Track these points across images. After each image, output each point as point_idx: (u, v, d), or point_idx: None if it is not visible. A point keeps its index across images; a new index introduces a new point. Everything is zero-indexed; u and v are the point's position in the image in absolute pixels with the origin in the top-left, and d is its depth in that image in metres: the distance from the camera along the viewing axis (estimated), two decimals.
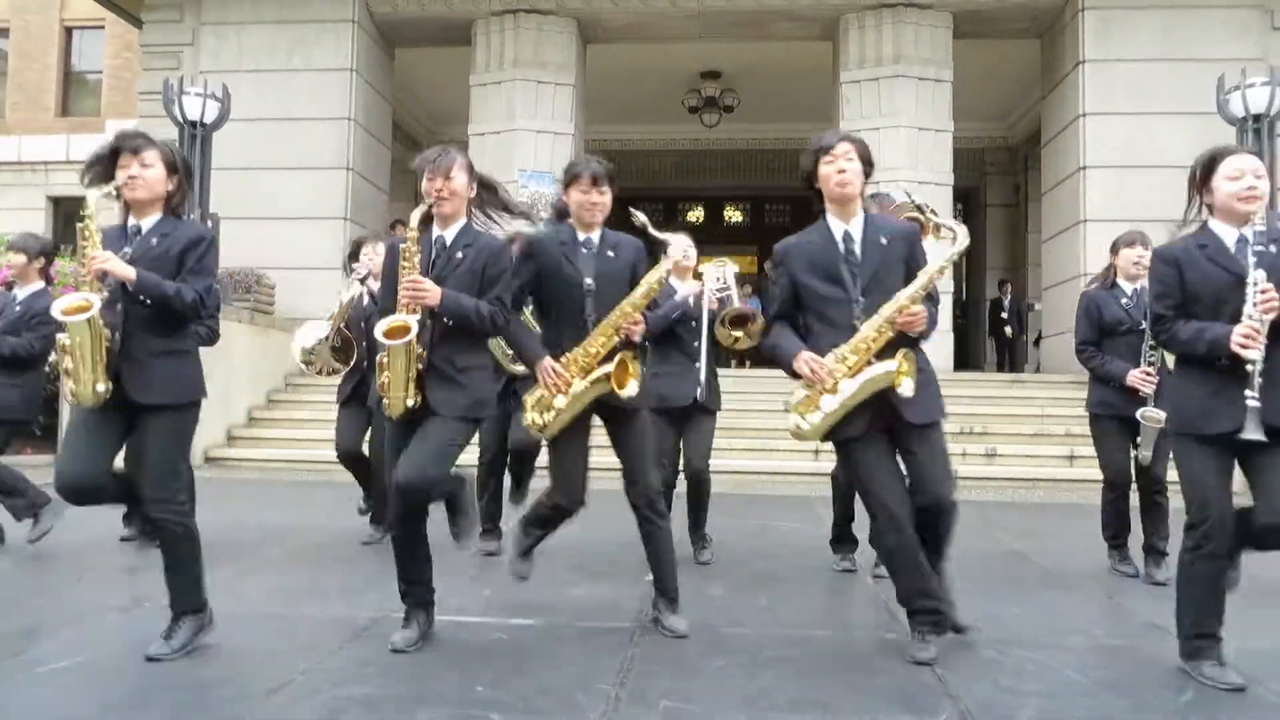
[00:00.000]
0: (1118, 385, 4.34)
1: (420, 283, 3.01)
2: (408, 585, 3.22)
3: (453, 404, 3.09)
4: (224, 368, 9.54)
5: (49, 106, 19.66)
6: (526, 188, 11.93)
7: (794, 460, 8.81)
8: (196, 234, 3.08)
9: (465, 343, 3.13)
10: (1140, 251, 4.39)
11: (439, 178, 3.09)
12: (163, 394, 3.00)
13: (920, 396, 3.08)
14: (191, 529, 3.08)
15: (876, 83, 11.84)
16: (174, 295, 2.94)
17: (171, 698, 2.74)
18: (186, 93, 9.94)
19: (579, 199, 3.38)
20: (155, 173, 3.04)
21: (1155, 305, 3.04)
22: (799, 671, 3.06)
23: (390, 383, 3.05)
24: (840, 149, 3.17)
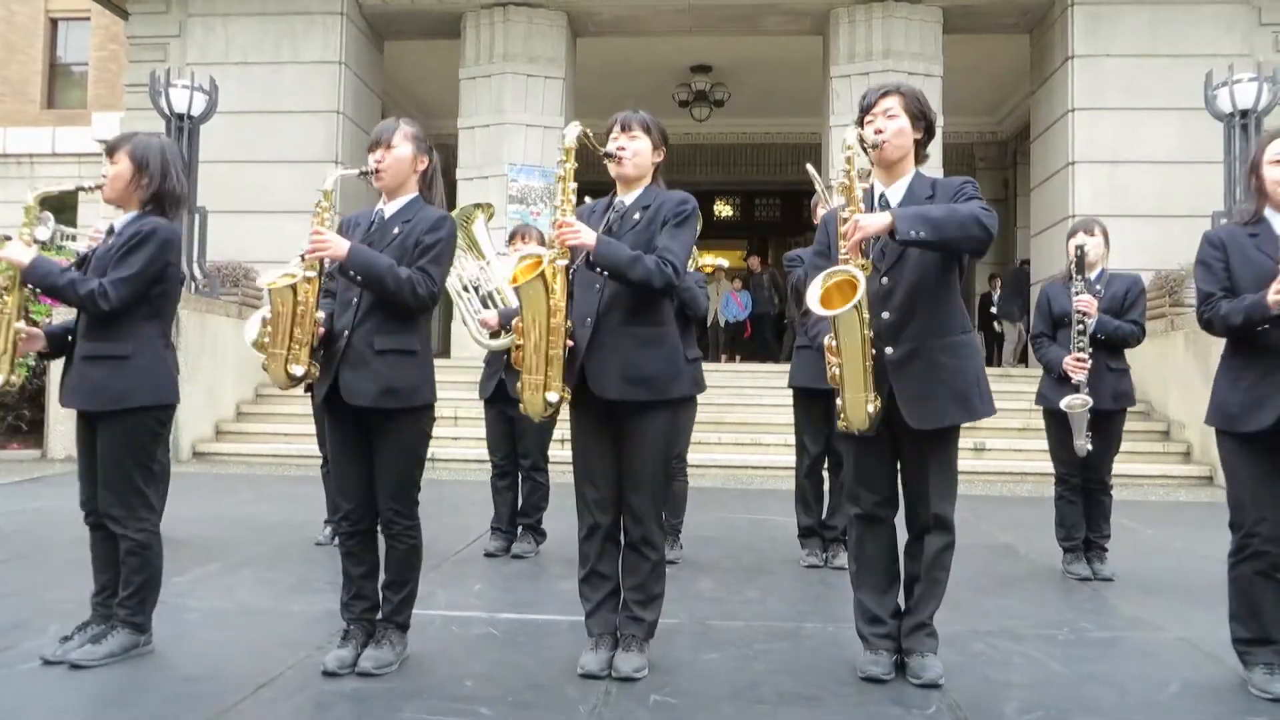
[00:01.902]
0: (1056, 375, 4.31)
1: (321, 233, 2.78)
2: (353, 600, 2.95)
3: (359, 389, 2.80)
4: (211, 362, 9.51)
5: (34, 99, 19.50)
6: (516, 181, 11.91)
7: (783, 454, 8.82)
8: (136, 228, 2.93)
9: (390, 323, 2.83)
10: (1082, 238, 4.33)
11: (379, 147, 2.90)
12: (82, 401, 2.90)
13: (929, 390, 2.74)
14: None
15: (866, 77, 11.82)
16: (64, 286, 2.84)
17: (159, 693, 2.72)
18: (173, 85, 9.87)
19: (609, 149, 2.93)
20: (119, 169, 2.97)
21: (1201, 285, 2.91)
22: (788, 664, 3.06)
23: (271, 339, 2.83)
24: (881, 105, 2.79)
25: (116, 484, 2.91)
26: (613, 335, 2.84)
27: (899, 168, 2.84)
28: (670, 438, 2.93)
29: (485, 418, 4.86)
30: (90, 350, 2.90)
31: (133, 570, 2.94)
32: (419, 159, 2.96)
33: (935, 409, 2.75)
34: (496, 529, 4.81)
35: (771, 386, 10.24)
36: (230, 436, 9.63)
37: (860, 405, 2.68)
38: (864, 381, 2.66)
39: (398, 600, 2.95)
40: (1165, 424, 9.37)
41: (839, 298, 2.60)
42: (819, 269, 2.81)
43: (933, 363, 2.75)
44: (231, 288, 10.55)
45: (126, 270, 2.85)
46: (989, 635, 3.40)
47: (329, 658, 2.87)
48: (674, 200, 2.92)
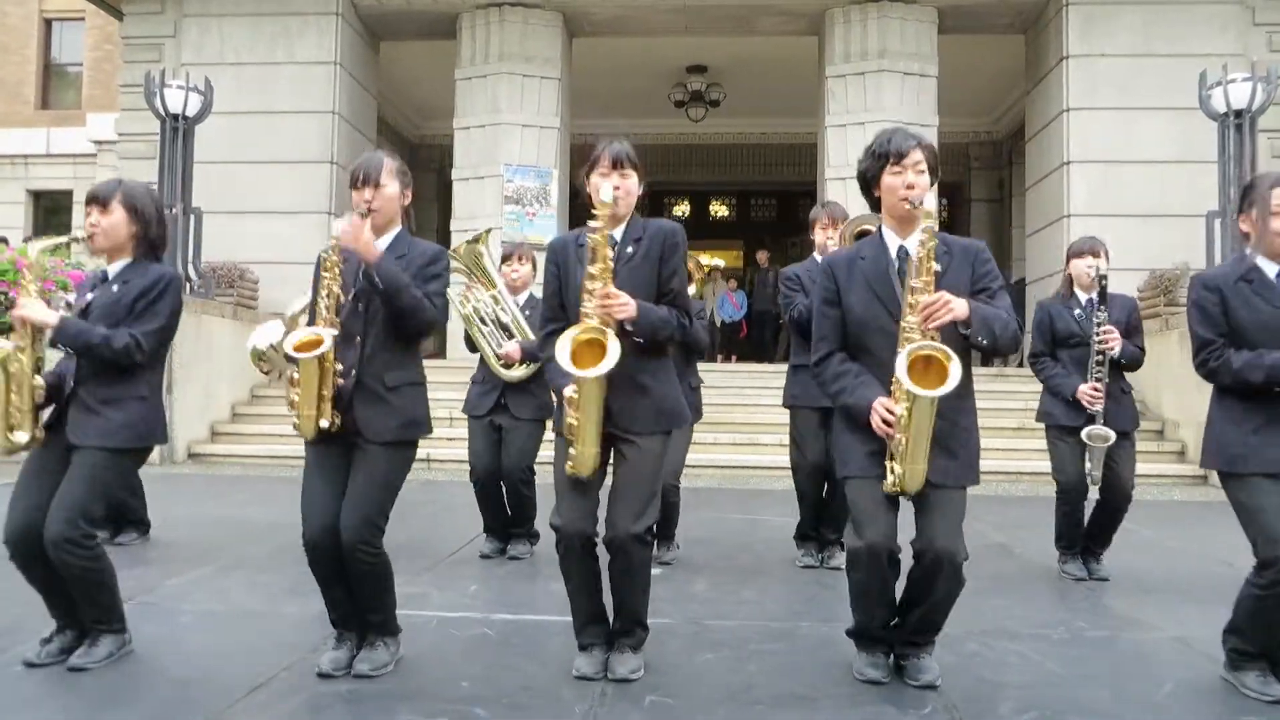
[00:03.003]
0: (1065, 399, 4.32)
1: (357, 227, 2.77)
2: (339, 615, 2.93)
3: (380, 426, 2.83)
4: (207, 363, 9.49)
5: (29, 99, 19.45)
6: (511, 181, 11.89)
7: (779, 454, 8.81)
8: (152, 279, 2.98)
9: (397, 357, 2.89)
10: (1090, 261, 4.32)
11: (368, 186, 2.88)
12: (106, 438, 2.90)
13: (947, 450, 2.73)
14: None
15: (862, 77, 11.85)
16: (99, 344, 2.87)
17: (154, 696, 2.72)
18: (168, 85, 9.85)
19: (596, 184, 2.90)
20: (113, 219, 2.98)
21: (1200, 331, 2.88)
22: (784, 665, 3.07)
23: (300, 400, 2.80)
24: (912, 159, 2.77)
25: (83, 513, 2.85)
26: (630, 371, 2.80)
27: (913, 221, 2.81)
28: (659, 464, 2.91)
29: (470, 429, 4.77)
30: (109, 394, 2.92)
31: (93, 591, 2.91)
32: (404, 194, 2.97)
33: (954, 470, 2.77)
34: (491, 530, 4.80)
35: (768, 387, 10.24)
36: (225, 438, 9.61)
37: (921, 474, 2.68)
38: (928, 452, 2.67)
39: (379, 620, 2.93)
40: (1160, 423, 9.39)
41: (919, 374, 2.60)
42: (829, 319, 2.86)
43: (957, 425, 2.78)
44: (226, 289, 10.53)
45: (156, 322, 2.95)
46: (984, 635, 3.41)
47: (323, 659, 2.86)
48: (664, 233, 2.92)
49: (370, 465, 2.84)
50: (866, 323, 2.80)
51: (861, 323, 2.81)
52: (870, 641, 2.91)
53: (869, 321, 2.80)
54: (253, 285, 11.08)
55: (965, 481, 2.81)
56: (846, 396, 2.79)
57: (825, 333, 2.89)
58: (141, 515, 5.04)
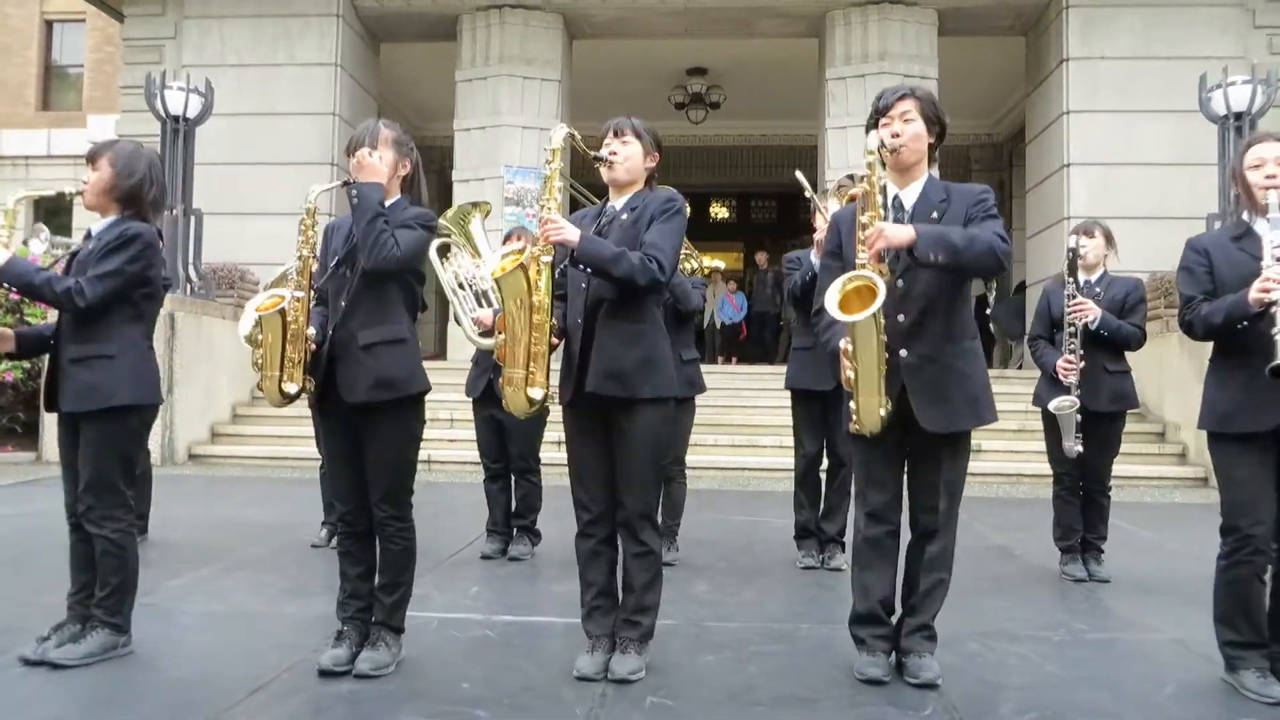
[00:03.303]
0: (1050, 377, 4.32)
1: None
2: (349, 600, 2.96)
3: (353, 385, 2.81)
4: (208, 364, 9.49)
5: (29, 101, 19.46)
6: (512, 183, 11.90)
7: (779, 456, 8.82)
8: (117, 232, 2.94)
9: (371, 316, 2.84)
10: (1076, 240, 4.32)
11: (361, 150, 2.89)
12: (75, 403, 2.91)
13: (947, 395, 2.76)
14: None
15: (862, 79, 11.85)
16: (40, 284, 2.85)
17: (154, 697, 2.72)
18: (169, 87, 9.85)
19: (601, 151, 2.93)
20: (100, 175, 2.99)
21: (1184, 290, 2.92)
22: (784, 667, 3.06)
23: (264, 361, 2.88)
24: (897, 109, 2.79)
25: (96, 484, 2.91)
26: (598, 333, 2.84)
27: (913, 171, 2.85)
28: (658, 439, 2.91)
29: (474, 421, 4.84)
30: (76, 353, 2.92)
31: (109, 571, 2.94)
32: (400, 164, 2.93)
33: (950, 413, 2.77)
34: (492, 531, 4.80)
35: (768, 389, 10.24)
36: (226, 439, 9.61)
37: (874, 409, 2.70)
38: (878, 385, 2.69)
39: (390, 603, 2.94)
40: (1161, 425, 9.39)
41: (857, 303, 2.61)
42: (830, 270, 2.84)
43: (946, 367, 2.78)
44: (227, 289, 10.53)
45: (104, 268, 2.88)
46: (985, 636, 3.40)
47: (324, 657, 2.87)
48: (660, 198, 2.93)
49: (374, 438, 2.86)
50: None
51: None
52: (870, 638, 2.91)
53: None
54: (253, 286, 11.06)
55: (964, 424, 2.81)
56: (832, 342, 2.81)
57: (824, 285, 2.85)
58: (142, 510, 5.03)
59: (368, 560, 2.96)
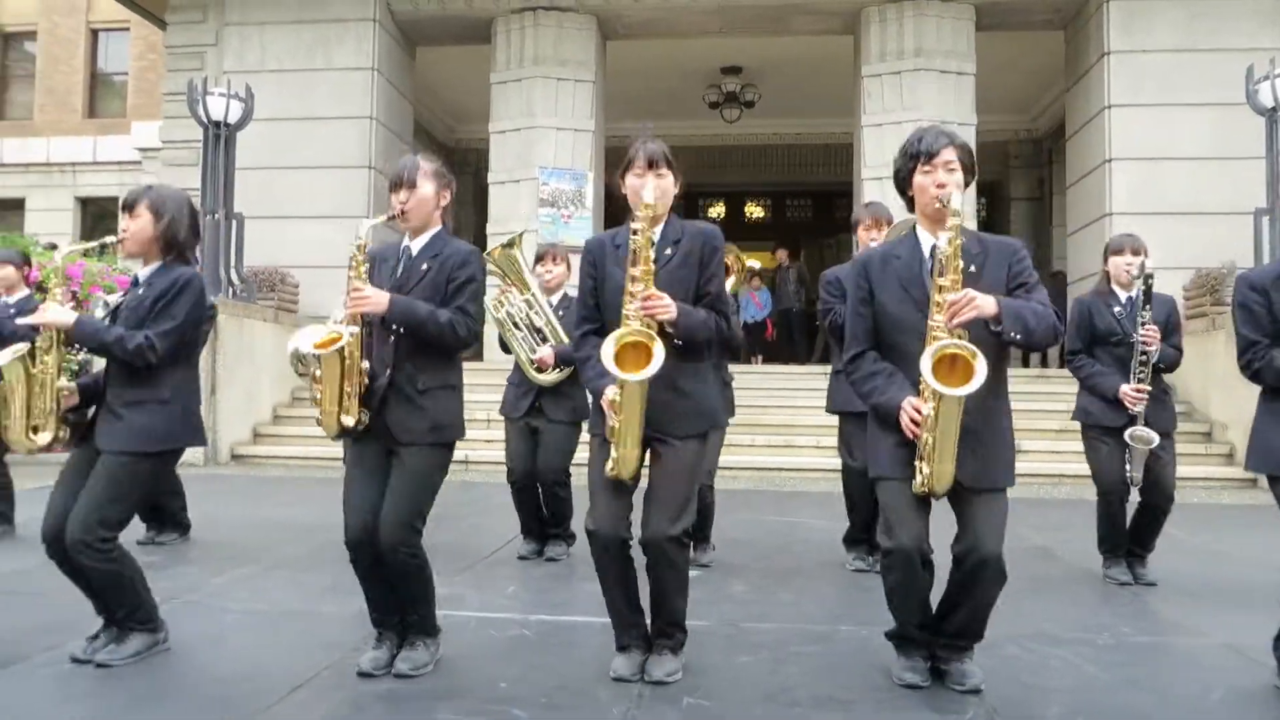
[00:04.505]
0: (1105, 398, 4.22)
1: (360, 290, 2.81)
2: (380, 614, 2.97)
3: (411, 428, 2.86)
4: (249, 365, 9.63)
5: (76, 108, 19.89)
6: (547, 184, 11.94)
7: (815, 456, 8.78)
8: (170, 280, 3.01)
9: (430, 360, 2.90)
10: (1129, 259, 4.24)
11: (403, 188, 2.93)
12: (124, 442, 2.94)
13: (983, 451, 2.72)
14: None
15: (898, 76, 11.75)
16: (111, 343, 2.91)
17: (198, 693, 2.77)
18: (210, 93, 10.01)
19: (633, 185, 2.89)
20: (140, 224, 3.03)
21: (1244, 332, 2.86)
22: (822, 668, 3.05)
23: (323, 397, 2.85)
24: (943, 157, 2.75)
25: (103, 515, 2.90)
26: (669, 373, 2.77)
27: (946, 219, 2.75)
28: (696, 466, 2.92)
29: (506, 431, 4.80)
30: (131, 397, 2.97)
31: (116, 599, 2.98)
32: (441, 195, 2.99)
33: (991, 471, 2.74)
34: (528, 532, 4.82)
35: (803, 389, 10.19)
36: (267, 439, 9.74)
37: (948, 474, 2.66)
38: (955, 452, 2.64)
39: (419, 617, 2.96)
40: (1207, 425, 9.20)
41: (948, 369, 2.57)
42: (862, 318, 2.84)
43: (994, 426, 2.76)
44: (268, 293, 10.68)
45: (170, 323, 2.96)
46: (1026, 639, 3.36)
47: (364, 659, 2.89)
48: (707, 236, 2.93)
49: (406, 468, 2.86)
50: (898, 322, 2.78)
51: (893, 322, 2.79)
52: (909, 645, 2.88)
53: (900, 320, 2.77)
54: (293, 289, 11.23)
55: (1003, 483, 2.78)
56: (877, 396, 2.78)
57: (857, 332, 2.88)
58: (181, 517, 5.12)
59: (383, 581, 2.92)
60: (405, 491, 2.86)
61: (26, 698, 2.70)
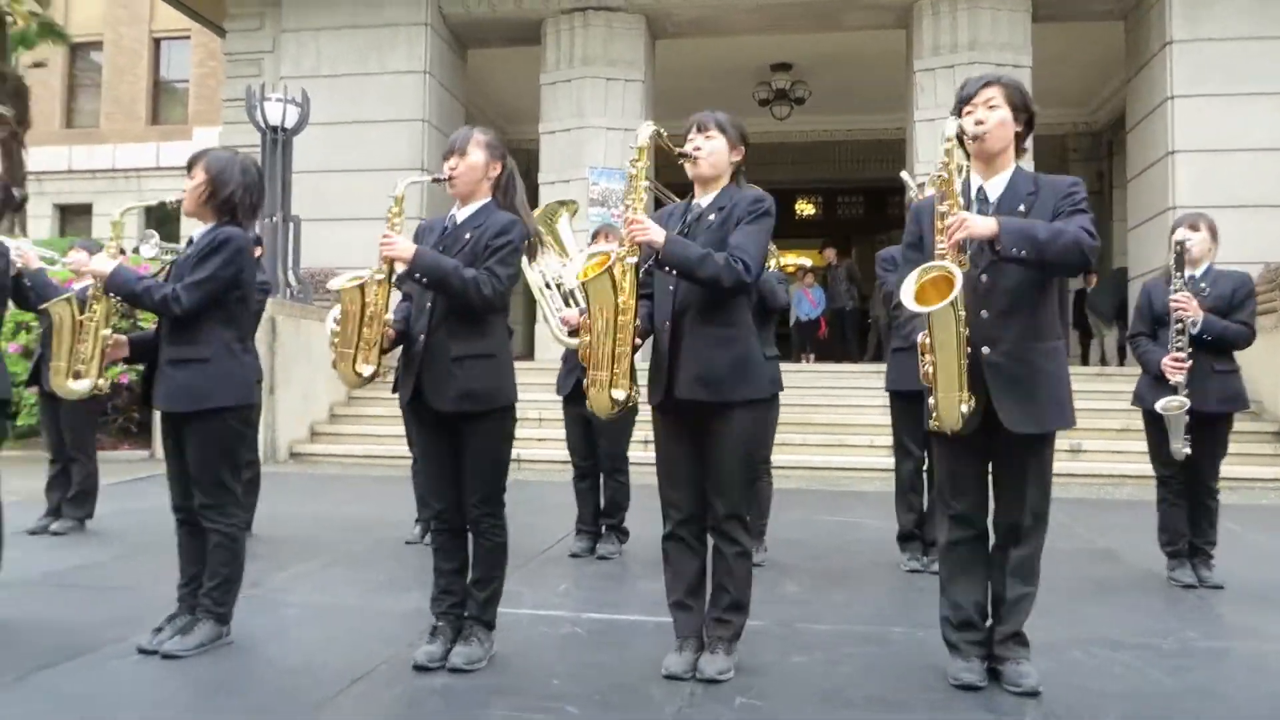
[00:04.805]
0: (1154, 375, 4.12)
1: (389, 236, 2.86)
2: (440, 594, 3.02)
3: (440, 394, 2.88)
4: (306, 365, 9.82)
5: (140, 116, 20.48)
6: (597, 184, 12.00)
7: (868, 455, 8.69)
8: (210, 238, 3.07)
9: (464, 328, 2.89)
10: (1183, 233, 4.12)
11: (454, 154, 2.98)
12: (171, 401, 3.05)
13: (1031, 394, 2.66)
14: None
15: (952, 70, 11.57)
16: (141, 293, 3.00)
17: (260, 685, 2.83)
18: (268, 99, 10.22)
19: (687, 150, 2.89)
20: (195, 184, 3.10)
21: None
22: (876, 669, 3.02)
23: (339, 338, 2.93)
24: (981, 96, 2.70)
25: (206, 481, 3.06)
26: (688, 336, 2.83)
27: (999, 161, 2.76)
28: (750, 440, 2.91)
29: (564, 418, 4.90)
30: (173, 355, 3.05)
31: (220, 563, 3.09)
32: (491, 165, 3.00)
33: (1035, 413, 2.67)
34: (581, 529, 4.85)
35: (858, 387, 10.09)
36: (324, 438, 9.93)
37: (954, 405, 2.63)
38: (959, 380, 2.61)
39: (483, 598, 3.00)
40: (1277, 425, 8.92)
41: (934, 294, 2.55)
42: (911, 263, 2.77)
43: (1031, 365, 2.68)
44: (324, 294, 10.88)
45: (198, 275, 3.00)
46: (1087, 643, 3.29)
47: (419, 653, 2.94)
48: (749, 198, 2.90)
49: (469, 445, 2.93)
50: None
51: None
52: (964, 644, 2.83)
53: None
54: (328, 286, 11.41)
55: (1049, 425, 2.71)
56: (913, 336, 2.79)
57: (905, 277, 2.79)
58: None
59: (461, 557, 3.02)
60: (476, 469, 2.94)
61: (96, 688, 2.78)
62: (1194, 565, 4.26)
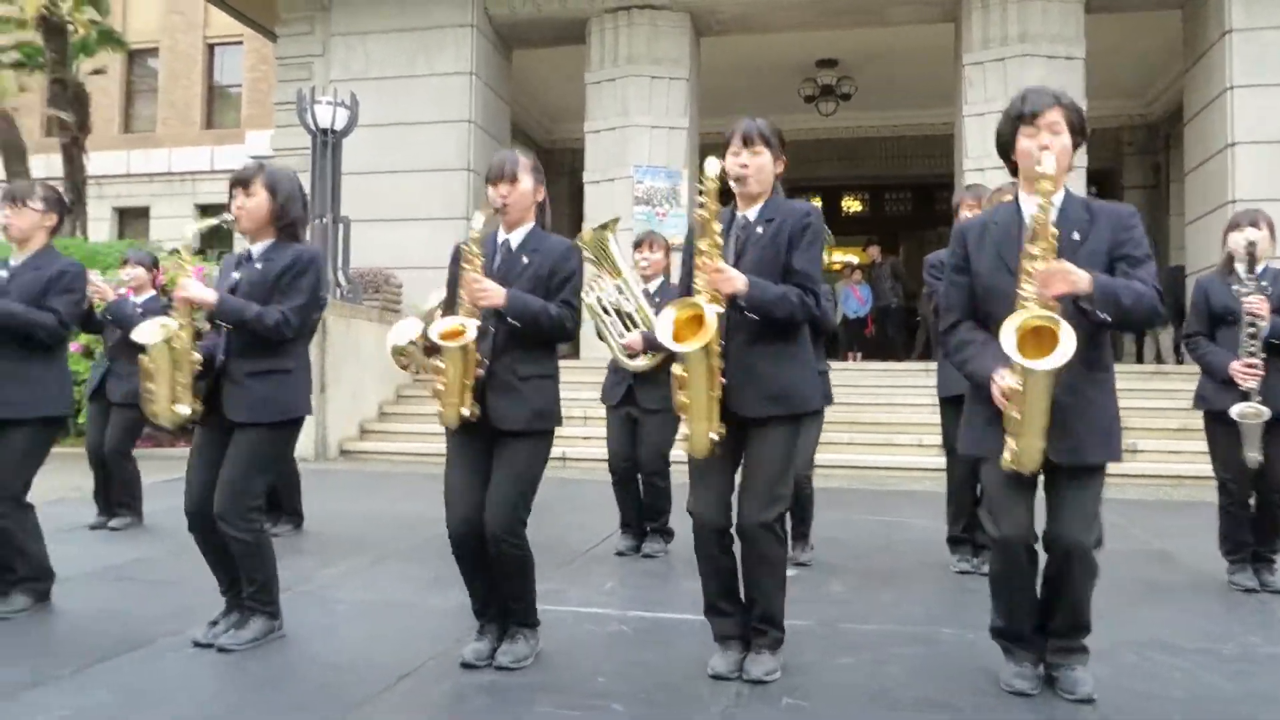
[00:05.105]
0: (1219, 379, 3.98)
1: (482, 282, 2.85)
2: (482, 605, 3.02)
3: (510, 415, 2.89)
4: (355, 364, 9.96)
5: (195, 120, 20.94)
6: (642, 183, 12.00)
7: (916, 454, 8.58)
8: (292, 256, 3.15)
9: (530, 350, 2.95)
10: (1251, 234, 3.97)
11: (503, 182, 2.96)
12: (256, 413, 3.10)
13: (1075, 427, 2.59)
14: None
15: (1002, 63, 11.39)
16: (252, 320, 3.05)
17: (310, 677, 2.88)
18: (318, 102, 10.37)
19: (729, 165, 2.85)
20: (256, 200, 3.15)
21: None
22: (924, 670, 2.98)
23: (445, 389, 2.86)
24: (1047, 118, 2.62)
25: (240, 487, 3.07)
26: (745, 353, 2.80)
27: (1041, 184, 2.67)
28: (792, 453, 2.88)
29: (607, 420, 4.85)
30: (253, 367, 3.11)
31: (252, 569, 3.13)
32: (538, 189, 3.04)
33: (1082, 446, 2.61)
34: (626, 527, 4.85)
35: (904, 386, 9.98)
36: (373, 436, 10.06)
37: (1038, 450, 2.56)
38: (1044, 429, 2.54)
39: (521, 609, 3.01)
40: None
41: (1033, 345, 2.45)
42: (960, 288, 2.74)
43: (1086, 399, 2.62)
44: (373, 293, 11.03)
45: (300, 298, 3.11)
46: (1143, 647, 3.21)
47: (466, 650, 2.96)
48: (798, 212, 2.87)
49: (509, 457, 2.91)
50: (993, 289, 2.68)
51: (988, 289, 2.70)
52: (1017, 648, 2.78)
53: (994, 289, 2.68)
54: (396, 290, 11.56)
55: (1096, 458, 2.64)
56: (970, 365, 2.70)
57: (954, 301, 2.79)
58: (295, 508, 5.35)
59: (486, 571, 2.97)
60: (509, 482, 2.90)
61: (153, 680, 2.85)
62: (1256, 569, 4.14)
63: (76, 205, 14.21)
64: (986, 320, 2.72)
